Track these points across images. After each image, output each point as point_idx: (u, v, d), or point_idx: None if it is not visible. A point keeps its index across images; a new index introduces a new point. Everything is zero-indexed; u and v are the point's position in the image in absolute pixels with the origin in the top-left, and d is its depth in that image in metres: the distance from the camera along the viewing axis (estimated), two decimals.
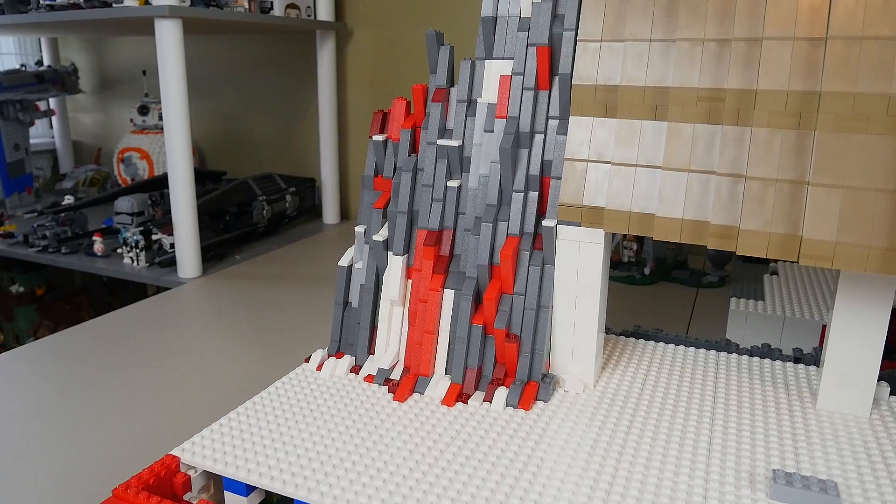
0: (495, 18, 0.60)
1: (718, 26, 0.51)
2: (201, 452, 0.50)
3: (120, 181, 1.78)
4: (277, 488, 0.46)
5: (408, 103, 0.64)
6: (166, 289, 1.26)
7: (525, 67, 0.58)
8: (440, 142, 0.61)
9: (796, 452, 0.49)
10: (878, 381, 0.55)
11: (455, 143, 0.60)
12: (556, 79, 0.58)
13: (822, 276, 0.91)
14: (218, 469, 0.48)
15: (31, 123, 1.78)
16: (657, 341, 0.69)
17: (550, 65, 0.58)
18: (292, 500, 0.46)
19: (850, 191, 0.46)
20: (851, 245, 0.46)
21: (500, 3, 0.60)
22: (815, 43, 0.47)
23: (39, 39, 2.12)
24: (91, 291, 1.83)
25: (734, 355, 0.66)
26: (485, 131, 0.60)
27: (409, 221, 0.62)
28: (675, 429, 0.53)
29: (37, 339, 1.72)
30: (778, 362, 0.64)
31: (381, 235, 0.63)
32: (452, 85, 0.63)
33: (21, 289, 1.72)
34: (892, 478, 0.46)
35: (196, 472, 0.50)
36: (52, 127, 2.13)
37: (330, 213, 1.70)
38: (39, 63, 1.98)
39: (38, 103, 1.78)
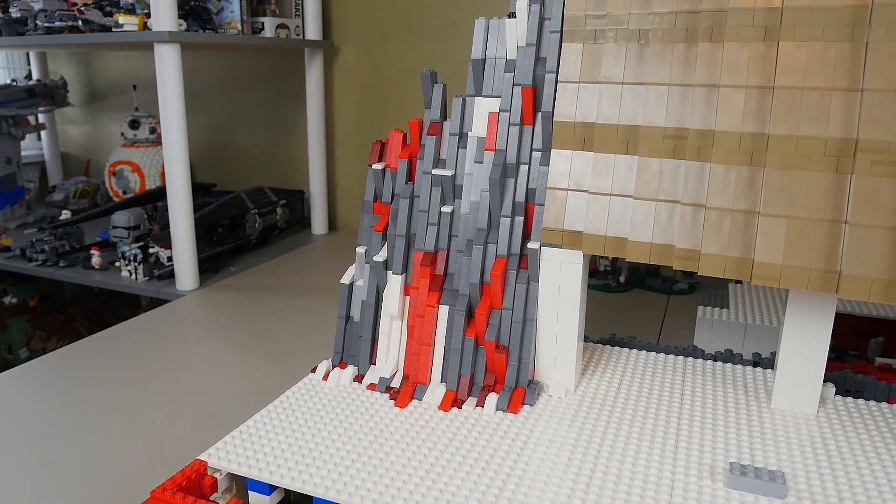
0: (484, 60, 0.66)
1: (681, 73, 0.58)
2: (226, 457, 0.55)
3: (111, 194, 1.81)
4: (298, 487, 0.51)
5: (404, 135, 0.70)
6: (161, 300, 1.31)
7: (511, 105, 0.65)
8: (435, 171, 0.67)
9: (751, 447, 0.56)
10: (825, 382, 0.62)
11: (448, 172, 0.66)
12: (539, 115, 0.64)
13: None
14: (243, 471, 0.54)
15: (23, 137, 1.81)
16: (631, 348, 0.76)
17: (534, 103, 0.64)
18: (310, 498, 0.51)
19: (794, 220, 0.53)
20: (795, 267, 0.53)
21: (489, 47, 0.66)
22: (764, 91, 0.54)
23: (28, 53, 2.14)
24: (83, 302, 1.86)
25: (700, 360, 0.73)
26: (475, 162, 0.66)
27: (406, 243, 0.68)
28: (646, 428, 0.59)
29: (30, 349, 1.76)
30: (739, 366, 0.71)
31: (380, 256, 0.69)
32: (445, 119, 0.69)
33: (14, 300, 1.75)
34: (833, 467, 0.53)
35: (221, 474, 0.55)
36: (39, 139, 2.15)
37: (318, 225, 1.75)
38: (29, 77, 2.01)
39: (28, 117, 1.81)
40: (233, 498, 0.54)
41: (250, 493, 0.54)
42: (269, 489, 0.53)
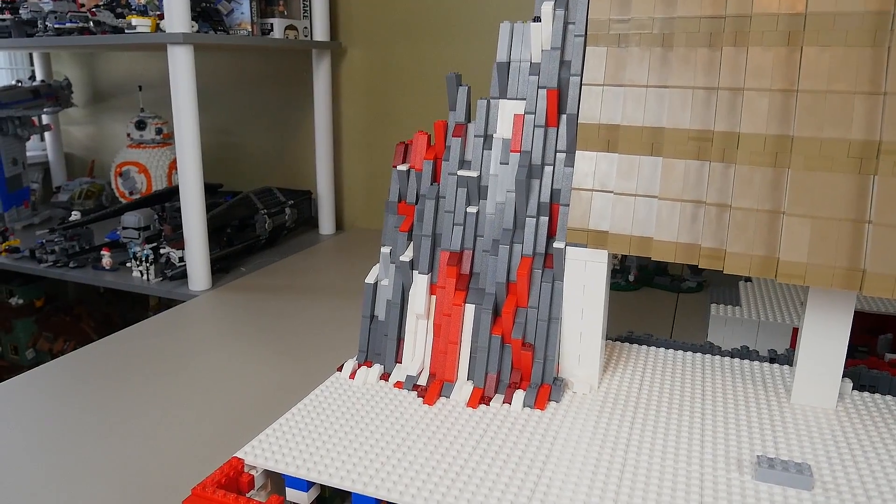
0: (508, 63, 0.68)
1: (706, 76, 0.59)
2: (263, 454, 0.56)
3: (118, 195, 1.82)
4: (337, 483, 0.53)
5: (428, 136, 0.71)
6: (173, 301, 1.32)
7: (536, 107, 0.66)
8: (460, 172, 0.68)
9: (775, 440, 0.57)
10: (843, 377, 0.64)
11: (474, 173, 0.68)
12: (564, 117, 0.65)
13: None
14: (281, 469, 0.55)
15: (28, 138, 1.81)
16: (649, 345, 0.77)
17: (558, 105, 0.66)
18: (345, 494, 0.52)
19: (818, 220, 0.55)
20: (820, 265, 0.55)
21: (514, 50, 0.67)
22: (787, 94, 0.56)
23: (31, 53, 2.13)
24: (89, 303, 1.86)
25: (717, 357, 0.74)
26: (500, 163, 0.67)
27: (432, 243, 0.69)
28: (671, 423, 0.61)
29: (36, 350, 1.76)
30: (756, 363, 0.73)
31: (406, 256, 0.70)
32: (470, 121, 0.70)
33: (20, 301, 1.75)
34: (855, 460, 0.54)
35: (258, 471, 0.56)
36: (42, 139, 2.15)
37: (326, 225, 1.76)
38: (32, 78, 2.01)
39: (33, 118, 1.81)
40: (273, 495, 0.55)
41: (288, 489, 0.55)
42: (307, 486, 0.54)
